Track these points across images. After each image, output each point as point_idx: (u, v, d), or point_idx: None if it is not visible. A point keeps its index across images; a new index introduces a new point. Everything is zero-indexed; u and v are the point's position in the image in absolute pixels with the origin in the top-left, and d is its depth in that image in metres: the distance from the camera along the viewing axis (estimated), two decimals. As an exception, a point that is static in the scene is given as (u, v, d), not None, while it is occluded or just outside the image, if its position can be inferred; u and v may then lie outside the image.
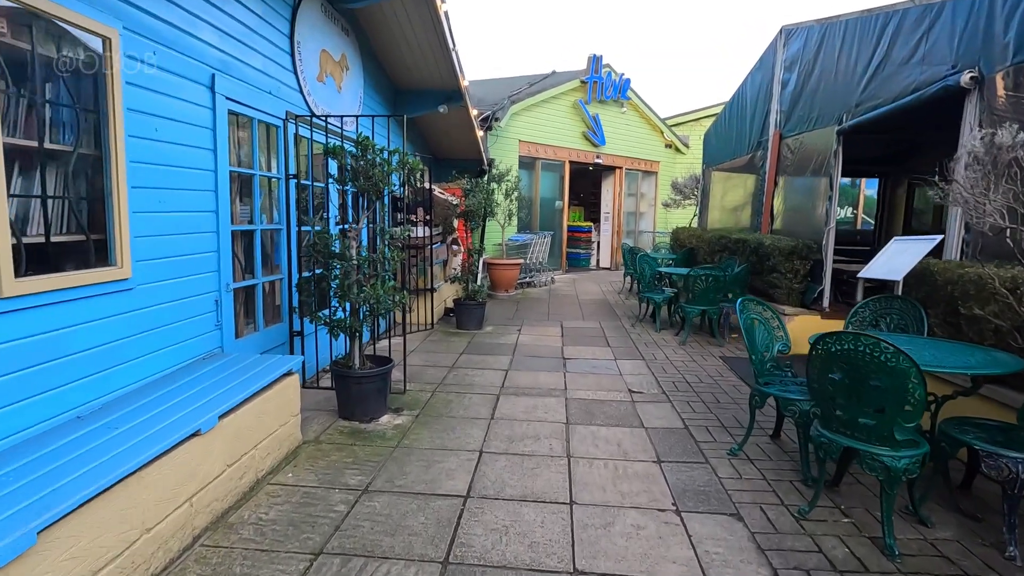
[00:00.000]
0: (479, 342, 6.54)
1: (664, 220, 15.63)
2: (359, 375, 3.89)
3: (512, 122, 11.44)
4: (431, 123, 8.48)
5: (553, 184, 13.03)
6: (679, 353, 6.16)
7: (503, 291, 10.01)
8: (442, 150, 9.77)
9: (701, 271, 6.43)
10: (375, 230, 4.22)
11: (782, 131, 7.28)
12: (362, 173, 3.92)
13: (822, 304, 6.11)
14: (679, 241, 10.89)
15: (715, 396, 4.69)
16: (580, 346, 6.43)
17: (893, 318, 3.75)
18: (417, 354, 5.93)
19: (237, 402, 2.88)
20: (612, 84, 13.21)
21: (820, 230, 6.24)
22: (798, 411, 3.19)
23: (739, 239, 7.34)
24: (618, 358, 5.91)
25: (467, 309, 7.16)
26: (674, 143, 15.45)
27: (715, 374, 5.36)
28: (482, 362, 5.65)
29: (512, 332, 7.11)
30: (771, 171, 7.52)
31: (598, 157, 13.59)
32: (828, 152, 6.06)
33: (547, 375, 5.23)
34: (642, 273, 7.53)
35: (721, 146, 9.95)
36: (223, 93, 3.59)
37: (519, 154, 11.78)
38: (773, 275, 6.35)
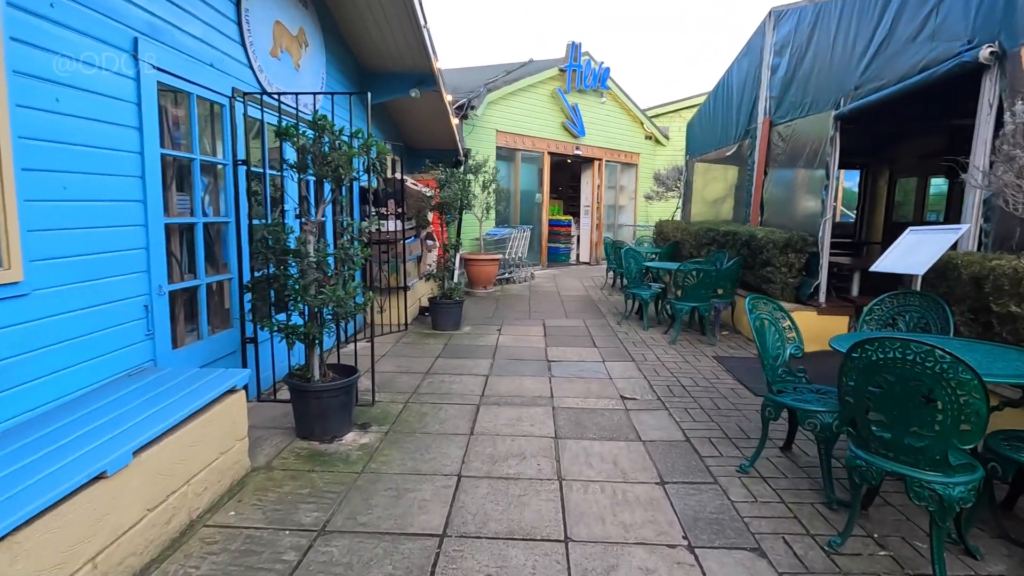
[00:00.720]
0: (456, 344, 6.07)
1: (644, 213, 15.34)
2: (319, 389, 3.39)
3: (489, 111, 10.95)
4: (403, 110, 7.95)
5: (532, 176, 12.59)
6: (670, 353, 5.79)
7: (481, 288, 9.55)
8: (415, 139, 9.24)
9: (691, 266, 6.06)
10: (340, 223, 3.72)
11: (772, 118, 6.96)
12: (319, 158, 3.41)
13: (818, 299, 5.80)
14: (663, 234, 10.56)
15: (714, 402, 4.31)
16: (565, 347, 6.01)
17: (912, 316, 3.41)
18: (389, 359, 5.44)
19: (163, 430, 2.37)
20: (591, 73, 12.81)
21: (815, 222, 5.93)
22: (819, 424, 2.81)
23: (729, 232, 7.01)
24: (606, 360, 5.51)
25: (443, 308, 6.68)
26: (654, 135, 15.14)
27: (711, 376, 5.00)
28: (460, 367, 5.19)
29: (492, 332, 6.66)
30: (760, 160, 7.20)
31: (577, 148, 13.20)
32: (824, 139, 5.74)
33: (531, 381, 4.79)
34: (628, 269, 7.15)
35: (705, 136, 9.63)
36: (150, 61, 3.05)
37: (496, 145, 11.31)
38: (766, 269, 6.02)
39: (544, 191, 12.79)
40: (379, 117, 7.64)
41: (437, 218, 7.28)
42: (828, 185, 5.64)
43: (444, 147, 9.32)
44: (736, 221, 8.21)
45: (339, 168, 3.40)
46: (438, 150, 9.31)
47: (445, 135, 8.79)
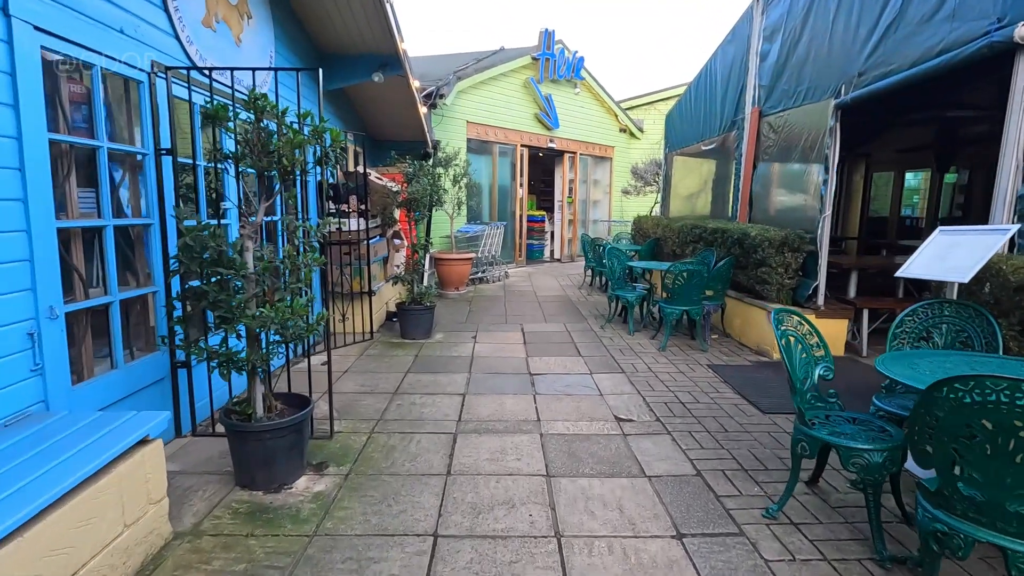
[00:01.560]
0: (428, 355, 5.49)
1: (619, 209, 14.97)
2: (262, 429, 2.78)
3: (459, 101, 10.33)
4: (366, 98, 7.28)
5: (505, 170, 12.03)
6: (661, 362, 5.34)
7: (453, 289, 8.97)
8: (380, 130, 8.56)
9: (683, 267, 5.62)
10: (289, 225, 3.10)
11: (762, 108, 6.57)
12: (258, 146, 2.79)
13: (817, 301, 5.44)
14: (641, 231, 10.15)
15: (719, 422, 3.87)
16: (547, 356, 5.50)
17: (950, 329, 3.01)
18: (352, 376, 4.82)
19: (35, 510, 1.75)
20: (565, 62, 12.29)
21: (812, 219, 5.55)
22: (867, 465, 2.36)
23: (717, 229, 6.61)
24: (594, 371, 5.02)
25: (413, 315, 6.08)
26: (628, 127, 14.76)
27: (709, 389, 4.56)
28: (433, 384, 4.61)
29: (467, 340, 6.10)
30: (749, 153, 6.81)
31: (551, 141, 12.69)
32: (821, 129, 5.36)
33: (513, 400, 4.26)
34: (611, 269, 6.68)
35: (686, 128, 9.24)
36: (29, 20, 2.37)
37: (467, 136, 10.70)
38: (761, 270, 5.63)
39: (518, 185, 12.25)
40: (339, 105, 6.95)
41: (404, 215, 6.66)
42: (828, 179, 5.27)
43: (411, 138, 8.67)
44: (721, 217, 7.83)
45: (283, 159, 2.78)
46: (405, 142, 8.66)
47: (412, 125, 8.15)
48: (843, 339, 5.52)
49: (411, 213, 6.25)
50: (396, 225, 7.14)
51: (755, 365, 5.27)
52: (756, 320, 5.80)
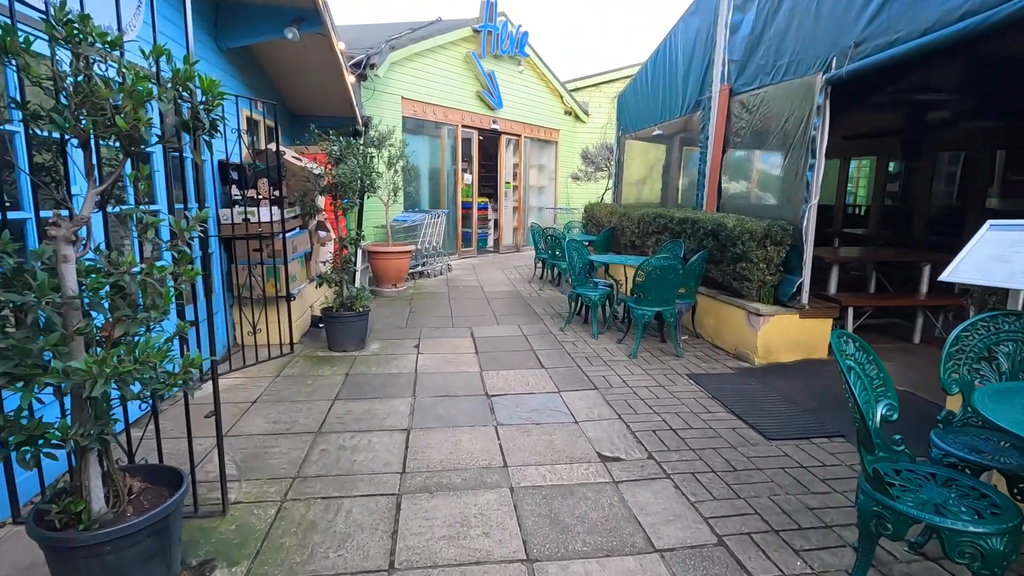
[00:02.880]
0: (362, 374, 4.53)
1: (566, 196, 14.31)
2: (96, 541, 1.79)
3: (393, 74, 9.21)
4: (280, 61, 6.11)
5: (445, 152, 11.02)
6: (635, 373, 4.65)
7: (390, 286, 7.96)
8: (300, 102, 7.37)
9: (658, 262, 4.94)
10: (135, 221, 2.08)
11: (733, 86, 5.98)
12: (79, 96, 1.77)
13: (801, 300, 4.92)
14: (595, 219, 9.50)
15: (722, 456, 3.20)
16: (505, 370, 4.68)
17: (1018, 348, 2.44)
18: (263, 408, 3.81)
19: None
20: (508, 36, 11.38)
21: (794, 208, 5.02)
22: (985, 554, 1.71)
23: (686, 219, 5.99)
24: (562, 389, 4.26)
25: (342, 323, 5.08)
26: (574, 110, 14.07)
27: (698, 408, 3.91)
28: (368, 416, 3.69)
29: (408, 351, 5.18)
30: (717, 136, 6.23)
31: (495, 122, 11.78)
32: (807, 108, 4.80)
33: (471, 435, 3.42)
34: (571, 264, 5.93)
35: (642, 109, 8.61)
36: None
37: (403, 114, 9.61)
38: (740, 265, 5.05)
39: (459, 170, 11.27)
40: (247, 69, 5.76)
41: (330, 203, 5.60)
42: (815, 164, 4.72)
43: (338, 113, 7.54)
44: (683, 206, 7.27)
45: (120, 118, 1.77)
46: (330, 117, 7.51)
47: (338, 98, 7.03)
48: (826, 339, 5.05)
49: (338, 200, 5.21)
50: (320, 215, 6.06)
51: (738, 373, 4.69)
52: (733, 320, 5.24)
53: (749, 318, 5.00)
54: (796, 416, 3.77)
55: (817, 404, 4.00)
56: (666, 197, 8.18)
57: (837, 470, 3.05)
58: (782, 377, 4.59)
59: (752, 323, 4.96)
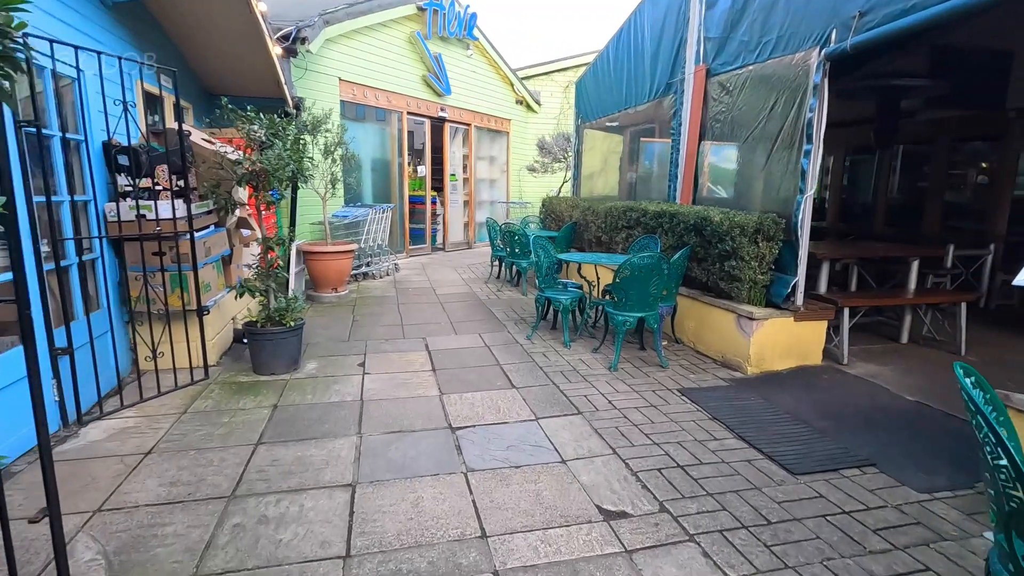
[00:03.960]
0: (294, 405, 3.69)
1: (519, 189, 13.65)
2: None
3: (329, 52, 8.23)
4: (189, 23, 5.09)
5: (389, 141, 10.10)
6: (620, 390, 4.04)
7: (330, 290, 7.04)
8: (217, 79, 6.32)
9: (642, 261, 4.33)
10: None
11: (710, 66, 5.46)
12: None
13: (795, 301, 4.45)
14: (554, 213, 8.88)
15: (749, 503, 2.61)
16: (470, 391, 3.96)
17: None
18: (157, 461, 2.92)
19: None
20: (456, 17, 10.56)
21: (784, 199, 4.54)
22: None
23: (663, 212, 5.44)
24: (540, 415, 3.58)
25: (270, 341, 4.20)
26: (525, 99, 13.41)
27: (703, 435, 3.32)
28: (300, 467, 2.88)
29: (351, 370, 4.36)
30: (693, 121, 5.71)
31: (443, 110, 10.95)
32: (801, 88, 4.32)
33: (435, 489, 2.68)
34: (538, 263, 5.26)
35: (604, 95, 8.03)
36: None
37: (340, 98, 8.64)
38: (729, 264, 4.52)
39: (405, 161, 10.37)
40: (144, 32, 4.72)
41: (254, 197, 4.66)
42: (811, 151, 4.24)
43: (263, 93, 6.54)
44: (654, 199, 6.75)
45: None
46: (255, 97, 6.47)
47: (263, 74, 6.05)
48: (821, 344, 4.61)
49: (262, 193, 4.30)
50: (242, 210, 5.11)
51: (733, 386, 4.16)
52: (719, 324, 4.72)
53: (740, 322, 4.49)
54: (814, 441, 3.25)
55: (830, 423, 3.51)
56: (632, 189, 7.65)
57: (888, 515, 2.52)
58: (780, 389, 4.10)
59: (743, 328, 4.45)
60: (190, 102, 5.92)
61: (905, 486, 2.77)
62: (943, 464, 2.99)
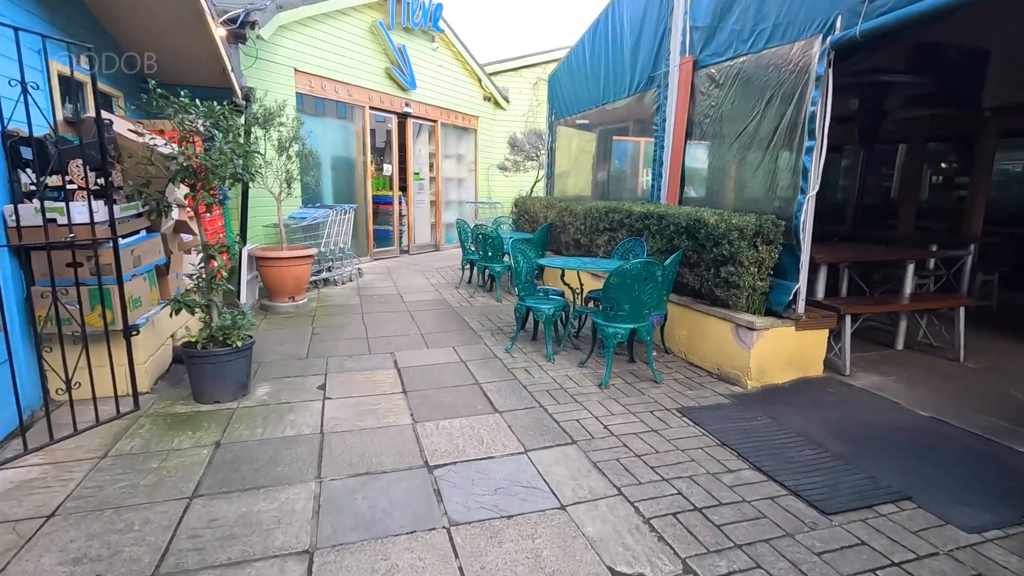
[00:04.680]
0: (240, 442, 3.14)
1: (487, 188, 13.18)
2: None
3: (283, 40, 7.58)
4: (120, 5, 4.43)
5: (349, 137, 9.48)
6: (615, 411, 3.63)
7: (287, 299, 6.42)
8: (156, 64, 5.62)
9: (636, 267, 3.93)
10: None
11: (698, 57, 5.12)
12: None
13: (797, 309, 4.14)
14: (527, 214, 8.45)
15: (783, 554, 2.22)
16: (447, 417, 3.48)
17: None
18: (61, 527, 2.33)
19: None
20: (421, 7, 10.01)
21: (782, 199, 4.23)
22: None
23: (651, 214, 5.07)
24: (529, 446, 3.14)
25: (213, 365, 3.62)
26: (493, 96, 12.94)
27: (714, 465, 2.94)
28: (244, 528, 2.35)
29: (310, 395, 3.82)
30: (679, 117, 5.37)
31: (407, 105, 10.38)
32: (801, 79, 4.01)
33: (412, 554, 2.20)
34: (516, 268, 4.81)
35: (579, 91, 7.65)
36: None
37: (296, 90, 7.99)
38: (726, 269, 4.18)
39: (367, 159, 9.76)
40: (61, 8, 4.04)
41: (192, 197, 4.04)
42: (813, 147, 3.93)
43: (211, 83, 5.88)
44: (638, 199, 6.40)
45: None
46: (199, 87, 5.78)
47: (206, 60, 5.40)
48: (823, 354, 4.32)
49: (200, 192, 3.70)
50: (182, 211, 4.48)
51: (735, 404, 3.81)
52: (714, 334, 4.38)
53: (738, 332, 4.15)
54: (837, 469, 2.91)
55: (848, 446, 3.19)
56: (610, 189, 7.30)
57: (943, 566, 2.17)
58: (786, 405, 3.77)
59: (742, 338, 4.11)
60: (121, 90, 5.22)
61: (950, 525, 2.44)
62: (982, 495, 2.68)
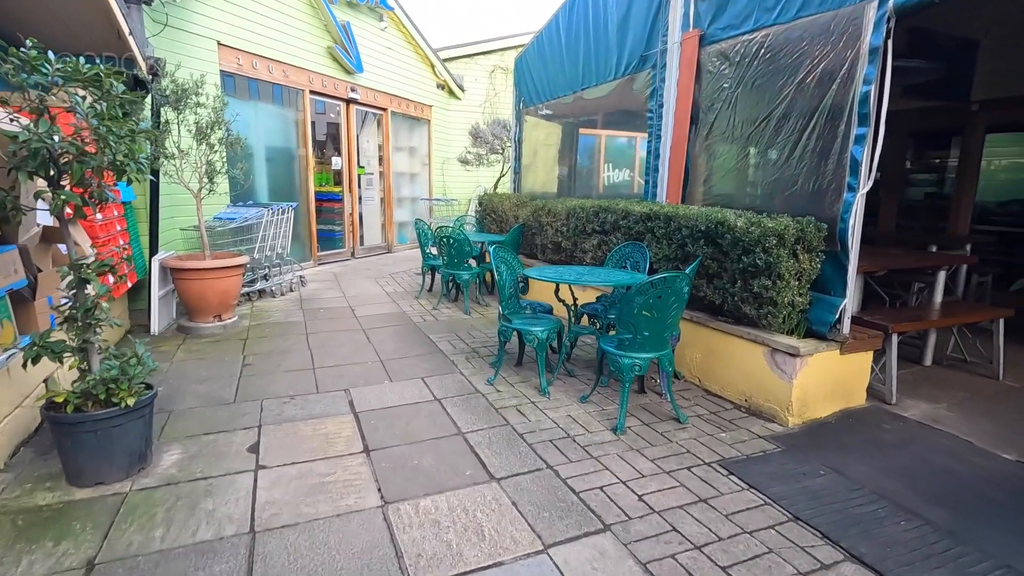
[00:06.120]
0: (126, 559, 2.11)
1: (442, 184, 12.18)
2: None
3: (203, 8, 6.35)
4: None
5: (287, 125, 8.28)
6: (643, 470, 2.84)
7: (211, 319, 5.28)
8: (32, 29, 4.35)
9: (667, 281, 3.13)
10: None
11: (706, 31, 4.39)
12: None
13: (842, 329, 3.47)
14: (493, 213, 7.56)
15: None
16: (428, 494, 2.57)
17: None
18: None
19: None
20: (367, -21, 8.92)
21: (829, 200, 3.55)
22: None
23: (655, 214, 4.31)
24: (547, 540, 2.28)
25: (91, 435, 2.54)
26: (448, 84, 11.94)
27: (800, 558, 2.18)
28: None
29: (236, 464, 2.81)
30: (682, 102, 4.63)
31: (353, 90, 9.26)
32: (848, 53, 3.32)
33: None
34: (500, 282, 3.93)
35: (553, 75, 6.82)
36: None
37: (221, 68, 6.77)
38: (760, 282, 3.45)
39: (308, 150, 8.58)
40: None
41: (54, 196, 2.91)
42: (864, 135, 3.26)
43: (105, 50, 4.65)
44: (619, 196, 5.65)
45: None
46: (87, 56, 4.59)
47: (93, 18, 4.19)
48: (867, 380, 3.69)
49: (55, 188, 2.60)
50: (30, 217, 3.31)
51: (783, 450, 3.09)
52: (740, 359, 3.67)
53: (774, 358, 3.44)
54: (954, 552, 2.22)
55: (944, 510, 2.52)
56: (590, 186, 6.53)
57: None
58: (841, 450, 3.09)
59: (781, 366, 3.41)
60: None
61: None
62: None
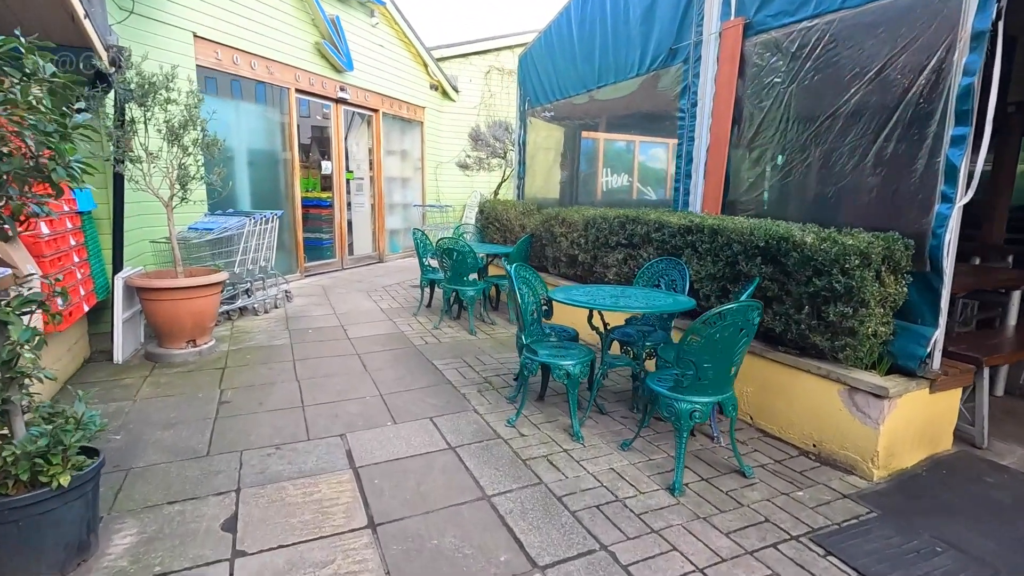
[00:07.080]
0: None
1: (436, 190, 11.60)
2: None
3: (175, -7, 5.72)
4: None
5: (271, 126, 7.65)
6: (722, 551, 2.28)
7: (184, 344, 4.63)
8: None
9: (737, 316, 2.57)
10: None
11: (751, 19, 3.88)
12: None
13: (931, 365, 2.96)
14: (497, 222, 6.99)
15: None
16: (459, 598, 1.99)
17: None
18: None
19: None
20: (358, -28, 8.34)
21: (917, 213, 3.04)
22: None
23: (697, 227, 3.76)
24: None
25: (12, 524, 1.92)
26: (441, 84, 11.39)
27: None
28: None
29: (206, 548, 2.19)
30: (722, 99, 4.12)
31: (343, 89, 8.65)
32: (940, 41, 2.82)
33: None
34: (524, 306, 3.35)
35: (563, 72, 6.29)
36: None
37: (197, 62, 6.13)
38: (836, 309, 2.92)
39: (295, 152, 7.94)
40: None
41: None
42: (964, 138, 2.75)
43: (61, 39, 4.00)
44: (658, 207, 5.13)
45: None
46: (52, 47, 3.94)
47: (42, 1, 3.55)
48: (954, 421, 3.18)
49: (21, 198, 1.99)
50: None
51: (879, 515, 2.55)
52: (808, 397, 3.14)
53: (854, 399, 2.92)
54: None
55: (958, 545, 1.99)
56: (605, 193, 6.00)
57: None
58: (946, 512, 2.57)
59: (863, 408, 2.88)
60: None
61: None
62: None
